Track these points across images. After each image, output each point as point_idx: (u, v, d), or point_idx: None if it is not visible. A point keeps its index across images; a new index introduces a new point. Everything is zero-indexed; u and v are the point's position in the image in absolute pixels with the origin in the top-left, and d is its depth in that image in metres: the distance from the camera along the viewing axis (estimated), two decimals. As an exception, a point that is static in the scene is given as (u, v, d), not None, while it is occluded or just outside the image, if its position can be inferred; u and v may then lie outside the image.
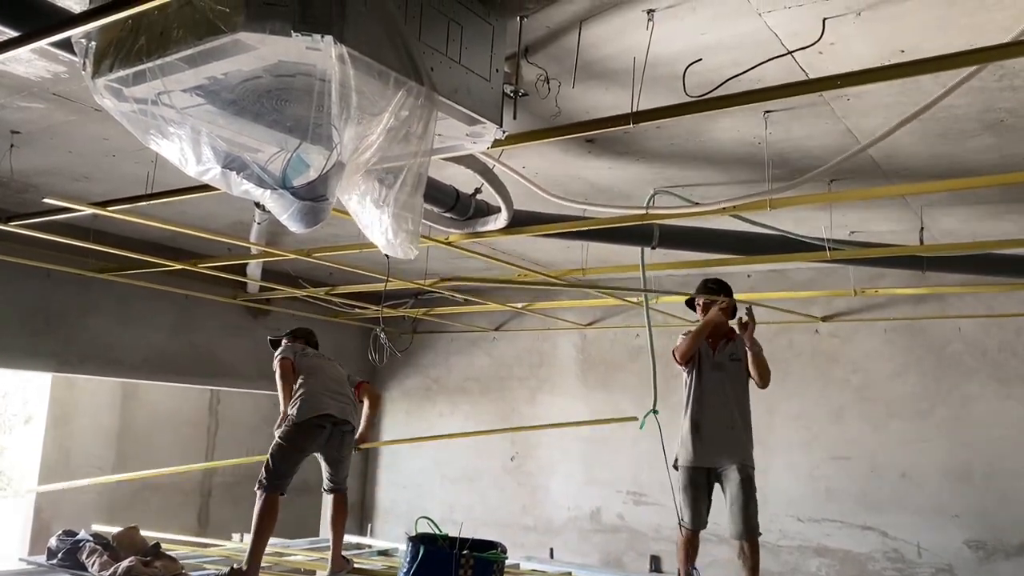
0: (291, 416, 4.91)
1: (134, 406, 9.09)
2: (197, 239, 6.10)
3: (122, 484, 8.83)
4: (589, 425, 6.84)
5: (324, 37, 2.08)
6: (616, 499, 7.38)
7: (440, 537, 3.91)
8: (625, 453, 7.32)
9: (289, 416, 4.91)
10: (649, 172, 4.46)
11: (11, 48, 2.35)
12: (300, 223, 2.73)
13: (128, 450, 8.94)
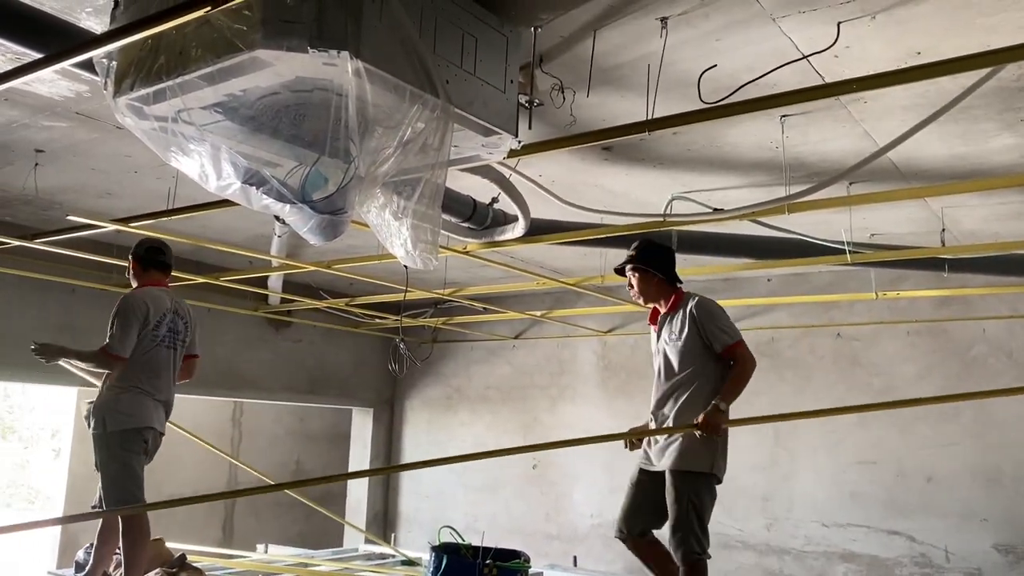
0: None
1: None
2: (218, 253, 6.16)
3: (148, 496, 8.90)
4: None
5: (340, 53, 2.10)
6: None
7: (463, 547, 3.92)
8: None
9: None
10: (666, 178, 4.46)
11: (35, 69, 2.39)
12: (320, 236, 2.76)
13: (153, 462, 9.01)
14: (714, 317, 3.82)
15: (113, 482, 4.24)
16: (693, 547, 3.66)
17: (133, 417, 4.18)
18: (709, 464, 3.74)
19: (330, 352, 8.46)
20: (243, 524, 9.64)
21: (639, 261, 3.94)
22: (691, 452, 3.73)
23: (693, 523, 3.67)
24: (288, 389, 8.19)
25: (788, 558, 6.66)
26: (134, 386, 4.18)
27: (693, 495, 3.71)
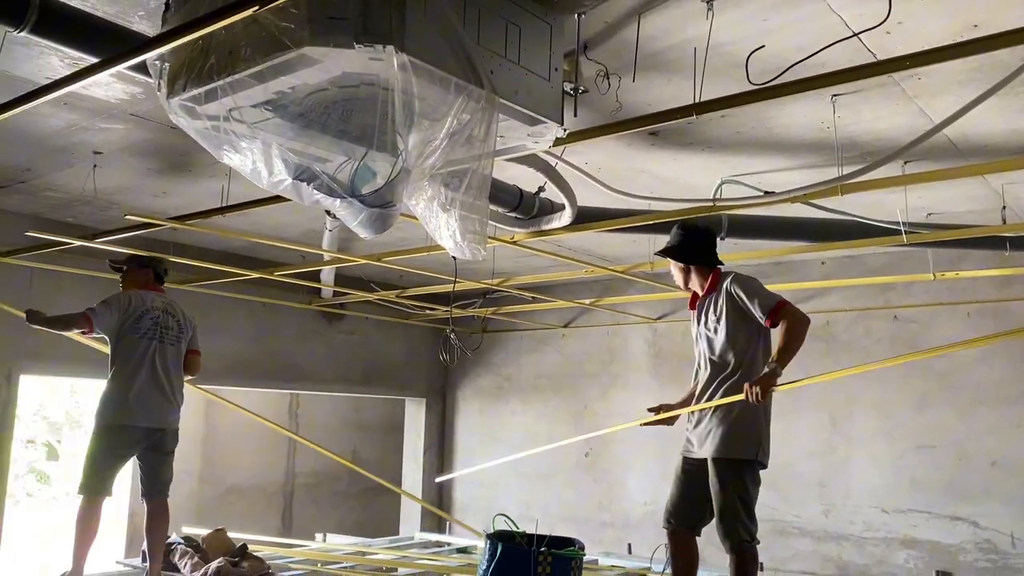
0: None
1: (217, 412, 9.38)
2: (272, 248, 6.27)
3: (208, 488, 9.14)
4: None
5: (385, 47, 2.13)
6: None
7: (517, 534, 3.94)
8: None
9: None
10: (715, 162, 4.41)
11: (93, 73, 2.47)
12: (369, 229, 2.79)
13: (212, 455, 9.24)
14: (752, 287, 3.66)
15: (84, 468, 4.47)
16: (742, 535, 3.57)
17: (115, 415, 4.44)
18: (754, 451, 3.62)
19: (382, 343, 8.56)
20: (302, 513, 9.83)
21: (670, 255, 3.89)
22: (734, 438, 3.61)
23: (740, 511, 3.58)
24: (342, 380, 8.31)
25: (847, 544, 6.56)
26: (120, 387, 4.45)
27: (738, 483, 3.60)
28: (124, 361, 4.47)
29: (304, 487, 10.00)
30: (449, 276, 5.93)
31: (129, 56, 2.33)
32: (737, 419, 3.61)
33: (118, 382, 4.46)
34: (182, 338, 4.71)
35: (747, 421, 3.61)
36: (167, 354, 4.59)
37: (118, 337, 4.49)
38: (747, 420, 3.61)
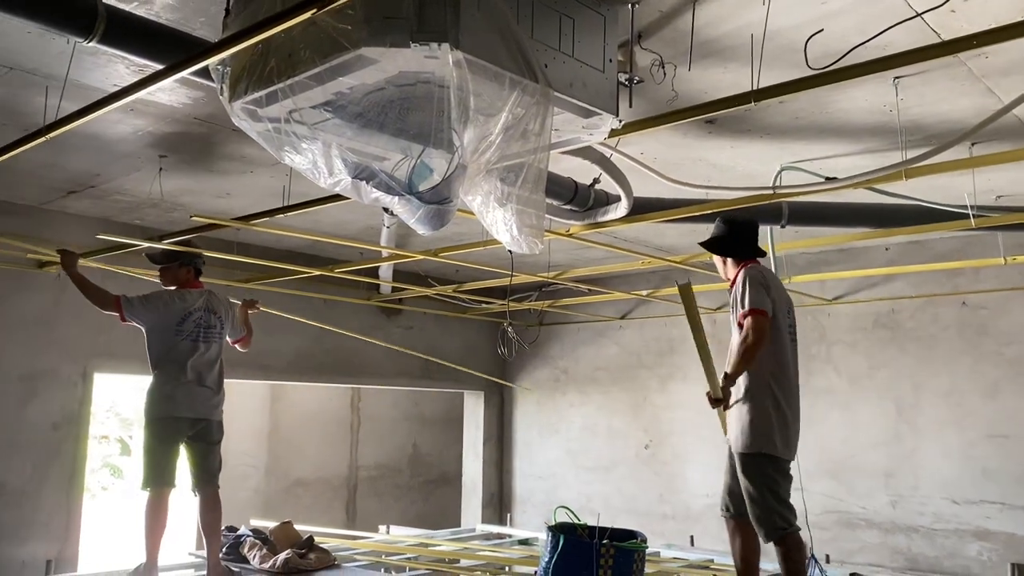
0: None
1: (282, 407, 9.59)
2: (331, 246, 6.37)
3: (274, 481, 9.35)
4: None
5: (441, 45, 2.15)
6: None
7: (579, 527, 3.95)
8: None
9: None
10: (774, 148, 4.34)
11: (158, 80, 2.54)
12: (427, 226, 2.82)
13: (278, 449, 9.45)
14: (746, 285, 3.78)
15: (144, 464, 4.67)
16: (777, 523, 3.68)
17: (162, 407, 4.62)
18: (761, 444, 3.73)
19: (440, 337, 8.64)
20: (365, 506, 9.99)
21: (710, 247, 4.11)
22: (746, 433, 3.76)
23: (769, 500, 3.70)
24: (402, 374, 8.41)
25: (916, 536, 6.41)
26: (163, 381, 4.63)
27: (759, 474, 3.73)
28: (168, 361, 4.64)
29: (367, 480, 10.16)
30: (505, 270, 5.95)
31: (193, 62, 2.39)
32: (749, 414, 3.76)
33: (162, 378, 4.64)
34: (223, 332, 4.88)
35: (756, 416, 3.74)
36: (210, 352, 4.75)
37: (160, 337, 4.65)
38: (756, 415, 3.74)
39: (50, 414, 5.87)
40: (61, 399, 5.93)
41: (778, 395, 3.77)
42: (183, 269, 4.84)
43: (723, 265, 4.10)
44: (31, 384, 5.80)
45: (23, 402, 5.75)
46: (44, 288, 5.82)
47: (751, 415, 3.74)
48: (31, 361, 5.81)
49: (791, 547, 3.69)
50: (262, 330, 6.83)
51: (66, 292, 5.12)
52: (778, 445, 3.74)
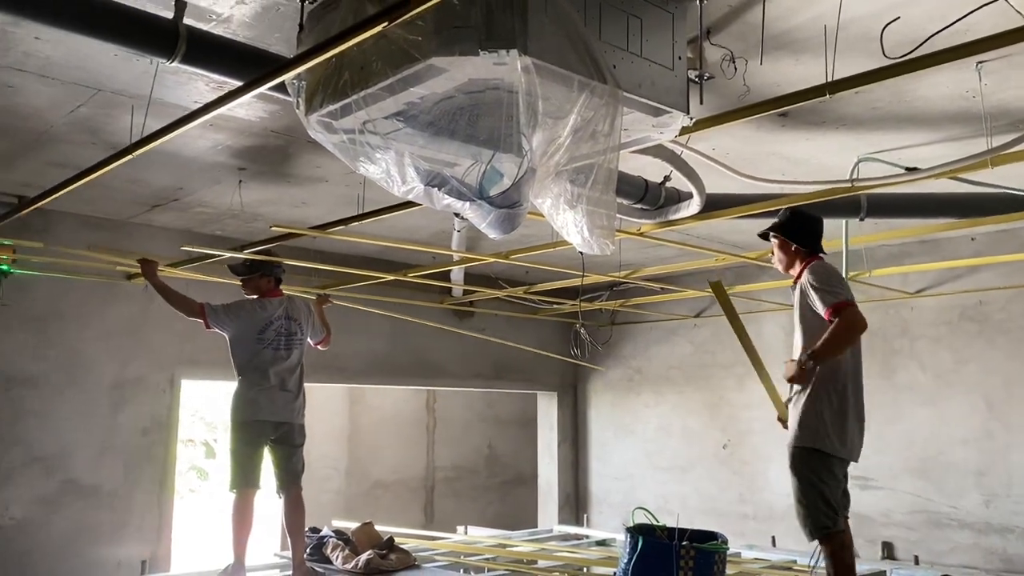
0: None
1: (360, 410, 9.77)
2: (404, 251, 6.47)
3: (354, 483, 9.53)
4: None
5: (509, 51, 2.16)
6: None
7: (658, 528, 3.92)
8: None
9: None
10: (850, 140, 4.23)
11: (238, 96, 2.62)
12: (498, 230, 2.84)
13: (358, 451, 9.63)
14: (818, 280, 3.69)
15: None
16: (820, 521, 3.60)
17: (246, 412, 4.77)
18: (814, 440, 3.65)
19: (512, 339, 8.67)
20: (443, 506, 10.10)
21: (777, 228, 3.97)
22: (799, 428, 3.70)
23: (814, 498, 3.62)
24: (475, 376, 8.48)
25: (1012, 537, 6.16)
26: (247, 386, 4.79)
27: (807, 470, 3.65)
28: (251, 367, 4.79)
29: (444, 481, 10.27)
30: (575, 270, 5.94)
31: (270, 78, 2.46)
32: (804, 407, 3.69)
33: (246, 384, 4.80)
34: (304, 338, 5.01)
35: (811, 410, 3.66)
36: (291, 358, 4.89)
37: (243, 345, 4.82)
38: (811, 409, 3.67)
39: (140, 420, 6.11)
40: (150, 405, 6.17)
41: (839, 391, 3.69)
42: (264, 279, 4.98)
43: (787, 256, 3.96)
44: (122, 391, 6.05)
45: (115, 409, 6.00)
46: (132, 299, 6.06)
47: (806, 409, 3.67)
48: (122, 369, 6.06)
49: (836, 547, 3.62)
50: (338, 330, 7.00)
51: (153, 302, 5.32)
52: (827, 441, 3.65)
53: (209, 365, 6.11)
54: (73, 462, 5.77)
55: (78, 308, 5.90)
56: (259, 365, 4.79)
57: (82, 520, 5.76)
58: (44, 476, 5.66)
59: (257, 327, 4.81)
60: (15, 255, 5.50)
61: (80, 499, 5.77)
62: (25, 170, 4.82)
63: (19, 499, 5.55)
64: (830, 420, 3.65)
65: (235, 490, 4.74)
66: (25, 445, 5.60)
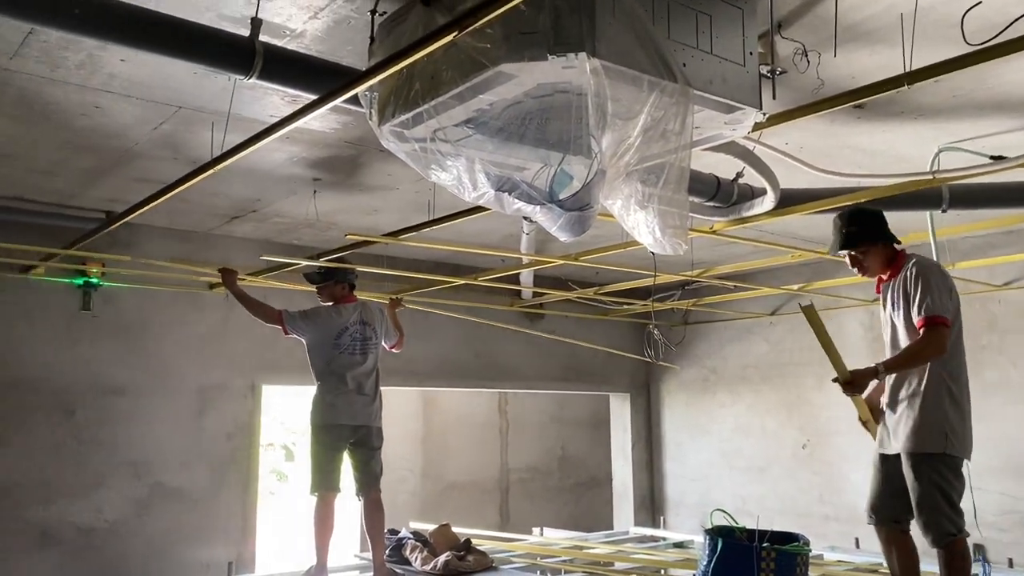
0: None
1: (434, 412, 9.88)
2: (474, 255, 6.52)
3: (429, 484, 9.63)
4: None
5: (578, 55, 2.17)
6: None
7: (737, 529, 3.86)
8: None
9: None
10: (929, 130, 4.10)
11: (314, 109, 2.69)
12: (568, 232, 2.85)
13: (432, 453, 9.74)
14: (926, 284, 3.52)
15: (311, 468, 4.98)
16: (945, 527, 3.42)
17: (324, 416, 4.91)
18: (942, 444, 3.46)
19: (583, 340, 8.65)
20: (518, 508, 10.13)
21: (860, 239, 3.72)
22: (920, 432, 3.50)
23: (940, 502, 3.44)
24: (546, 378, 8.49)
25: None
26: (325, 391, 4.93)
27: (933, 474, 3.46)
28: (328, 373, 4.93)
29: (518, 482, 10.30)
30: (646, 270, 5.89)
31: (344, 90, 2.52)
32: (921, 412, 3.51)
33: (324, 389, 4.93)
34: (379, 342, 5.12)
35: (931, 413, 3.49)
36: (367, 362, 5.01)
37: (320, 351, 4.96)
38: (931, 412, 3.50)
39: (224, 424, 6.30)
40: (233, 410, 6.36)
41: (954, 391, 3.53)
42: (338, 286, 5.10)
43: (877, 260, 3.75)
44: (206, 397, 6.25)
45: (200, 414, 6.21)
46: (215, 308, 6.25)
47: (925, 412, 3.50)
48: (205, 376, 6.26)
49: (956, 554, 3.43)
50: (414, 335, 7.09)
51: (234, 311, 5.49)
52: (954, 443, 3.49)
53: (288, 371, 6.27)
54: (161, 466, 5.99)
55: (163, 318, 6.12)
56: (336, 370, 4.90)
57: (171, 522, 5.97)
58: (134, 480, 5.88)
59: (333, 333, 4.93)
60: (104, 268, 5.77)
61: (169, 502, 5.99)
62: (111, 186, 5.02)
63: (112, 502, 5.78)
64: (955, 420, 3.50)
65: (315, 493, 4.85)
66: (116, 450, 5.84)
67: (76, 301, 5.79)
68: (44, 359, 5.65)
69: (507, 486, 10.23)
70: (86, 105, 3.77)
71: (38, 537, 5.50)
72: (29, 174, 4.78)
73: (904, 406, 3.58)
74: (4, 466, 5.44)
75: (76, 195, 5.20)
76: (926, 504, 3.47)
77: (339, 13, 2.91)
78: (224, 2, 2.83)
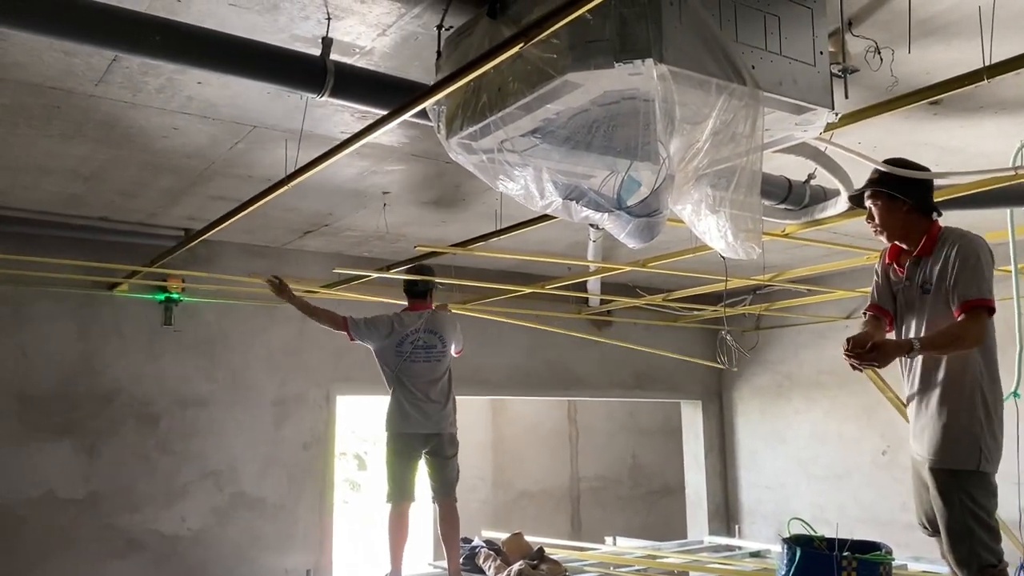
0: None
1: (503, 421, 9.91)
2: (540, 263, 6.54)
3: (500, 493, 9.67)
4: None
5: (644, 61, 2.16)
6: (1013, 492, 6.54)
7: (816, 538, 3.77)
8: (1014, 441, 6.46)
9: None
10: (1010, 124, 3.96)
11: (384, 124, 2.74)
12: (637, 239, 2.84)
13: (502, 462, 9.77)
14: (977, 264, 2.99)
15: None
16: (984, 559, 2.93)
17: (397, 424, 5.04)
18: (975, 460, 2.94)
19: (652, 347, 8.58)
20: (589, 516, 10.08)
21: (884, 184, 3.14)
22: (949, 445, 2.99)
23: (975, 529, 2.94)
24: (616, 385, 8.43)
25: None
26: (397, 400, 5.06)
27: (964, 496, 2.97)
28: (396, 381, 5.05)
29: (589, 491, 10.26)
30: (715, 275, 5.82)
31: (413, 105, 2.56)
32: (951, 421, 3.00)
33: (395, 397, 5.04)
34: (445, 349, 5.13)
35: (962, 423, 2.98)
36: (435, 369, 5.07)
37: (385, 359, 5.09)
38: (962, 422, 2.98)
39: (301, 434, 6.44)
40: (309, 421, 6.49)
41: (988, 397, 3.00)
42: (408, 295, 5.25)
43: (897, 220, 3.15)
44: (283, 408, 6.40)
45: (278, 425, 6.36)
46: (290, 321, 6.40)
47: (956, 420, 2.98)
48: (282, 387, 6.41)
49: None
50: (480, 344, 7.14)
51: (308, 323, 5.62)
52: (989, 458, 2.98)
53: (361, 381, 6.37)
54: (241, 476, 6.15)
55: (241, 331, 6.30)
56: (402, 378, 5.00)
57: (251, 530, 6.13)
58: (216, 489, 6.05)
59: (395, 340, 5.04)
60: (184, 284, 5.97)
61: (248, 510, 6.14)
62: (189, 205, 5.20)
63: (195, 511, 5.96)
64: (987, 432, 2.97)
65: (390, 502, 4.92)
66: (199, 460, 6.02)
67: (158, 316, 5.99)
68: (130, 372, 5.87)
69: (578, 495, 10.19)
70: (165, 127, 3.91)
71: (125, 544, 5.70)
72: (112, 195, 4.98)
73: (932, 408, 3.06)
74: (95, 475, 5.67)
75: (156, 214, 5.40)
76: (958, 531, 2.98)
77: (406, 29, 2.96)
78: (296, 23, 2.91)
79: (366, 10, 2.83)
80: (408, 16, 2.87)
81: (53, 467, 5.55)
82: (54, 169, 4.49)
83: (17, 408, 5.50)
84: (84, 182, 4.72)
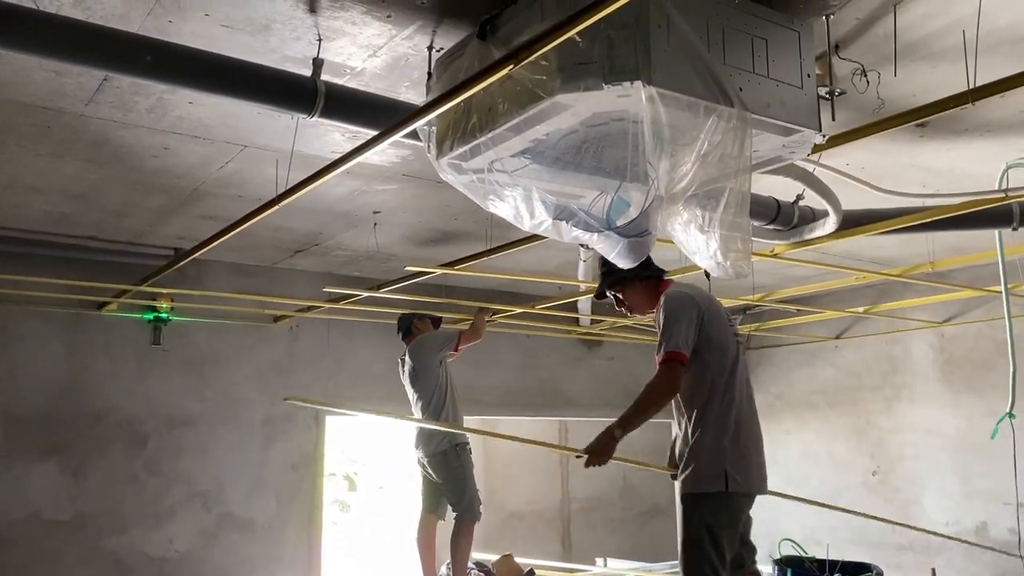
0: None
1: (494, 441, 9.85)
2: (530, 283, 6.54)
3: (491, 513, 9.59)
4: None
5: (633, 83, 2.18)
6: (1004, 512, 6.55)
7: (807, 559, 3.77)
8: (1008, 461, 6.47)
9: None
10: (996, 146, 4.00)
11: (374, 145, 2.76)
12: (627, 259, 2.85)
13: (493, 482, 9.71)
14: (667, 318, 3.31)
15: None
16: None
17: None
18: (707, 483, 3.26)
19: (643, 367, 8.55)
20: (580, 538, 10.02)
21: (615, 272, 3.42)
22: (696, 470, 3.30)
23: (706, 549, 3.22)
24: (606, 405, 8.38)
25: None
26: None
27: (697, 518, 3.26)
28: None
29: (580, 511, 10.20)
30: (707, 295, 5.80)
31: (403, 125, 2.57)
32: (691, 447, 3.34)
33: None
34: (422, 377, 5.52)
35: (701, 450, 3.31)
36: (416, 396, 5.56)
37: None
38: (700, 449, 3.31)
39: (289, 455, 6.40)
40: (298, 441, 6.45)
41: (729, 424, 3.34)
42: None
43: (642, 297, 3.54)
44: (272, 428, 6.36)
45: (266, 445, 6.31)
46: (279, 340, 6.38)
47: (693, 449, 3.31)
48: (271, 407, 6.37)
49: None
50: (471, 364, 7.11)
51: (298, 342, 5.61)
52: (736, 480, 3.28)
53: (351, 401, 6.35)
54: (229, 496, 6.10)
55: (230, 351, 6.27)
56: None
57: (239, 552, 6.07)
58: (204, 510, 6.00)
59: (400, 370, 5.61)
60: (172, 303, 5.95)
61: (237, 532, 6.09)
62: (179, 224, 5.19)
63: (182, 532, 5.90)
64: (730, 457, 3.30)
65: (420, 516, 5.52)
66: (186, 481, 5.97)
67: (147, 336, 5.97)
68: (118, 392, 5.83)
69: (568, 515, 10.13)
70: (156, 147, 3.91)
71: (111, 566, 5.64)
72: (102, 214, 4.97)
73: (678, 441, 3.45)
74: (81, 496, 5.61)
75: (146, 233, 5.39)
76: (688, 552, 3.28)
77: (397, 51, 2.98)
78: (287, 44, 2.92)
79: (357, 31, 2.84)
80: (399, 37, 2.88)
81: (39, 488, 5.49)
82: (44, 188, 4.48)
83: (3, 427, 5.46)
84: (74, 201, 4.71)
